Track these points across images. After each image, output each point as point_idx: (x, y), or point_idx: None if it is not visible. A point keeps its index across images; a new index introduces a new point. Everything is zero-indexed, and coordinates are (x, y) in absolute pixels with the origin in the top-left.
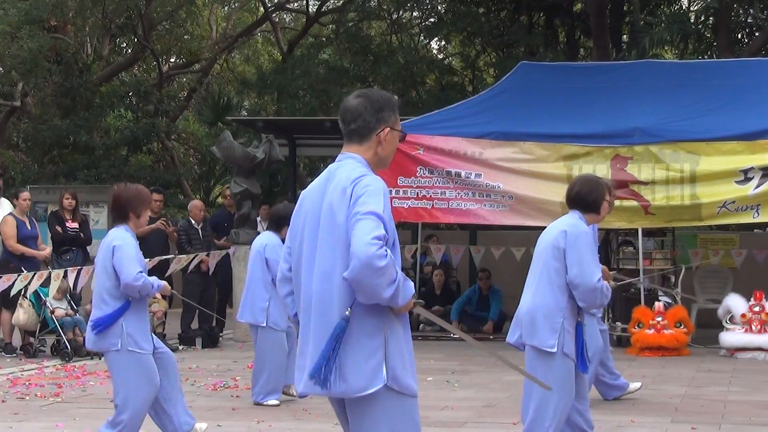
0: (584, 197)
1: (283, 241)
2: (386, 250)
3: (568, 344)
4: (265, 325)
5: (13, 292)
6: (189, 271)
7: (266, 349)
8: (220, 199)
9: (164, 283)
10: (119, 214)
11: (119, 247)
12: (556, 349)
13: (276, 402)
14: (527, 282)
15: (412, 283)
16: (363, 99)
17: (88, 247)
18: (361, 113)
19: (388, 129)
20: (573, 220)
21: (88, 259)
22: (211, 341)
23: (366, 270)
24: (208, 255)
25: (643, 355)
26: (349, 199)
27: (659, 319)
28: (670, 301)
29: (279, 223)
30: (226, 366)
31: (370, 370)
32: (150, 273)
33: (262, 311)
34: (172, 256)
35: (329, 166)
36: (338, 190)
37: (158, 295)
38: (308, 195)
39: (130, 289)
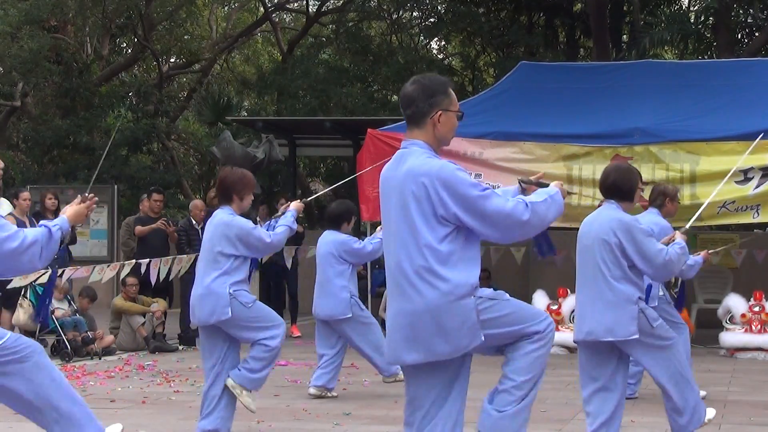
0: (620, 186)
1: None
2: (523, 204)
3: (649, 318)
4: (351, 315)
5: (11, 285)
6: (187, 271)
7: (362, 333)
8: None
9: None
10: (224, 196)
11: (234, 221)
12: (639, 333)
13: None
14: (583, 278)
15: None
16: (416, 85)
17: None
18: (414, 99)
19: (441, 112)
20: (615, 212)
21: (72, 259)
22: None
23: (520, 229)
24: None
25: None
26: (431, 192)
27: None
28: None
29: (338, 221)
30: None
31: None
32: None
33: (345, 303)
34: (173, 257)
35: (399, 151)
36: (412, 180)
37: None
38: (386, 178)
39: (273, 246)
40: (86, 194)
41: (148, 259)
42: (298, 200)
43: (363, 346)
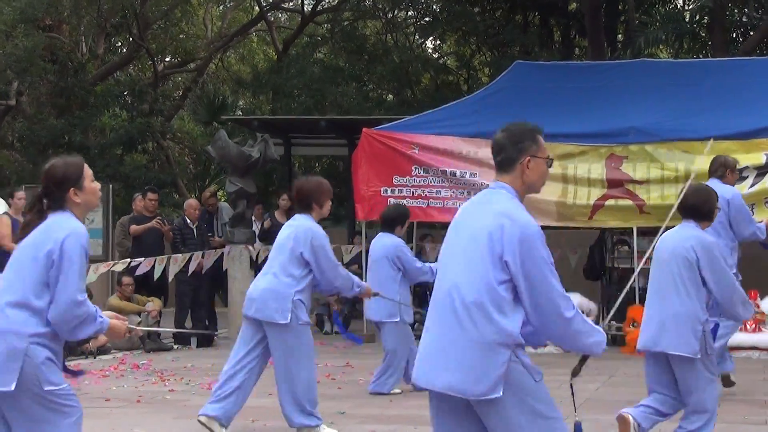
0: (699, 208)
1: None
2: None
3: (708, 345)
4: (398, 320)
5: None
6: (181, 270)
7: (399, 342)
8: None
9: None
10: (303, 204)
11: (319, 233)
12: (700, 354)
13: (399, 390)
14: (655, 290)
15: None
16: (505, 133)
17: None
18: (503, 146)
19: (530, 158)
20: (697, 232)
21: None
22: (206, 340)
23: (559, 321)
24: (203, 255)
25: (638, 355)
26: (506, 236)
27: None
28: None
29: (392, 224)
30: (221, 365)
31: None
32: (145, 274)
33: (393, 308)
34: (167, 256)
35: (485, 190)
36: (493, 219)
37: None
38: (466, 210)
39: (337, 278)
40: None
41: (143, 258)
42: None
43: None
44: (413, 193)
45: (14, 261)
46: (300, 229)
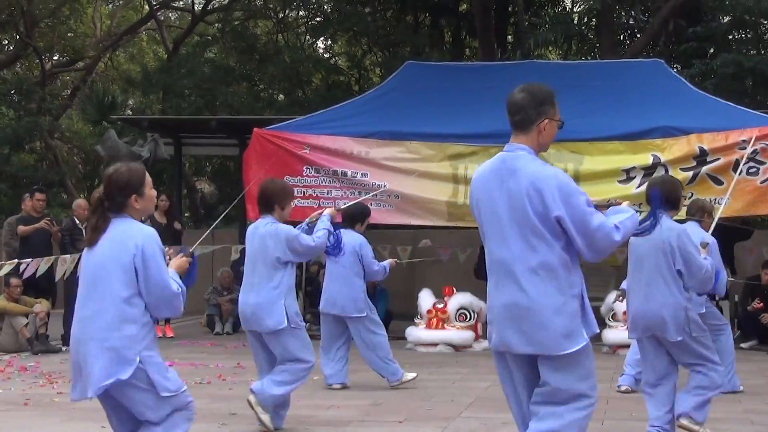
0: (668, 197)
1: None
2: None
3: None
4: (365, 315)
5: None
6: (72, 272)
7: (373, 335)
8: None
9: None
10: (266, 206)
11: (280, 228)
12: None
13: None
14: (639, 282)
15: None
16: (525, 94)
17: None
18: (523, 107)
19: (547, 120)
20: (669, 221)
21: None
22: None
23: (609, 250)
24: None
25: None
26: (546, 196)
27: None
28: None
29: (352, 221)
30: None
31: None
32: (34, 276)
33: (361, 303)
34: (56, 257)
35: (501, 154)
36: (530, 184)
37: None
38: (482, 177)
39: (317, 249)
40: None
41: (30, 259)
42: (333, 207)
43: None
44: (304, 193)
45: (96, 276)
46: (269, 238)
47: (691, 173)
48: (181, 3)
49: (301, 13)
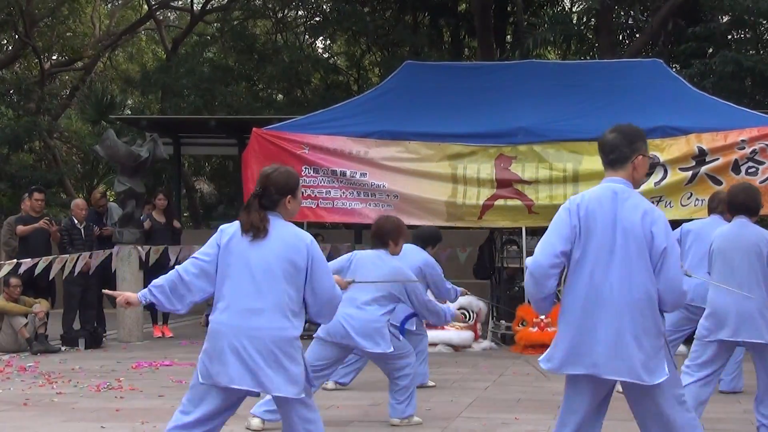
0: (749, 204)
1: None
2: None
3: None
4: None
5: None
6: (71, 271)
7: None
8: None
9: None
10: (380, 242)
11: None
12: None
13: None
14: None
15: None
16: (617, 134)
17: None
18: (617, 146)
19: (641, 156)
20: (755, 227)
21: None
22: (95, 341)
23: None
24: (90, 256)
25: (527, 353)
26: (650, 223)
27: (542, 317)
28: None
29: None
30: (109, 367)
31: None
32: (33, 275)
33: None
34: (55, 256)
35: (609, 185)
36: (638, 213)
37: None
38: (595, 205)
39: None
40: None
41: (29, 259)
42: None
43: None
44: (303, 193)
45: (265, 271)
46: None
47: (690, 173)
48: (180, 3)
49: (300, 12)
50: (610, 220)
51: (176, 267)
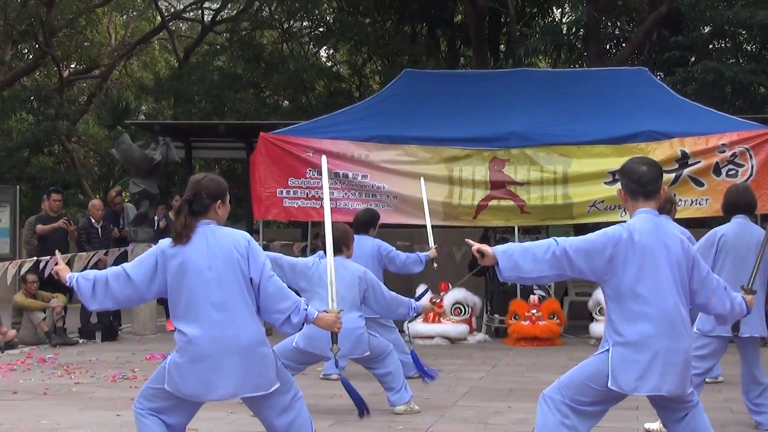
0: (750, 203)
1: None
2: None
3: None
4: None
5: None
6: (87, 268)
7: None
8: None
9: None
10: (336, 248)
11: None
12: None
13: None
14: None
15: None
16: (654, 168)
17: None
18: (655, 179)
19: (665, 188)
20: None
21: None
22: (111, 334)
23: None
24: (106, 254)
25: (519, 345)
26: (688, 254)
27: (534, 311)
28: (544, 294)
29: (365, 227)
30: (125, 358)
31: None
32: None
33: None
34: (73, 254)
35: (649, 216)
36: (677, 243)
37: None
38: (646, 232)
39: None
40: None
41: (49, 257)
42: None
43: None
44: (308, 194)
45: (214, 277)
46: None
47: (673, 175)
48: (192, 14)
49: (304, 23)
50: (658, 247)
51: (118, 266)
